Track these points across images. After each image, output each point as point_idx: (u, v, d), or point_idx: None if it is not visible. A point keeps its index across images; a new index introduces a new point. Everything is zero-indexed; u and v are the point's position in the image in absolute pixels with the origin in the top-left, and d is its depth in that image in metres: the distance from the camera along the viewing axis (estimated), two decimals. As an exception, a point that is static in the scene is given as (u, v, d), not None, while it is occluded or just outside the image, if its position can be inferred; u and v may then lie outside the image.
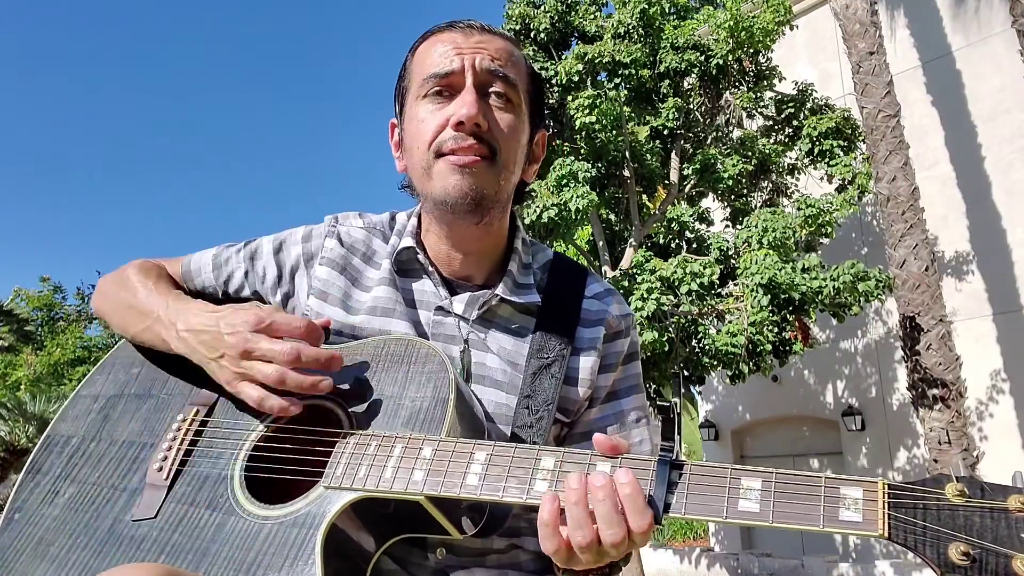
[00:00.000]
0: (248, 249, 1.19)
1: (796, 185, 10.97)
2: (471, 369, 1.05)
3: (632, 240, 9.95)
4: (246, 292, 1.18)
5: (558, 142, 10.08)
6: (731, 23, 9.32)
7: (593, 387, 1.09)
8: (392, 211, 1.21)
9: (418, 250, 1.10)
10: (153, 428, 1.07)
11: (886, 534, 0.68)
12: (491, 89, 1.05)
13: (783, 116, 10.95)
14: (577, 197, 8.28)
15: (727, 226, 10.97)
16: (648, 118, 9.98)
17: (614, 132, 9.32)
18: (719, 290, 9.52)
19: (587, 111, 8.85)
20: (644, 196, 10.83)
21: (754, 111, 10.87)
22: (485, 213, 1.05)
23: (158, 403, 1.10)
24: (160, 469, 1.01)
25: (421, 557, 0.99)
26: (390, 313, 1.07)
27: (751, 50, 9.79)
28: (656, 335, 8.38)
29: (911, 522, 0.68)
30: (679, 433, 0.82)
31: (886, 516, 0.69)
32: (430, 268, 1.10)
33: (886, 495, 0.70)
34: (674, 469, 0.78)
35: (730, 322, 9.05)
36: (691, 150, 10.39)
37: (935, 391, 8.87)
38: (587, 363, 1.09)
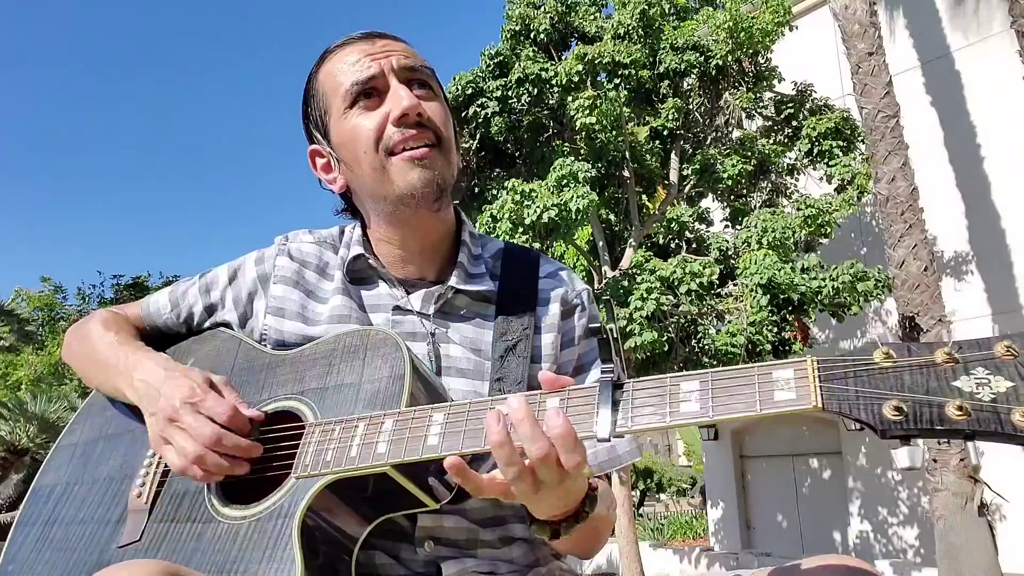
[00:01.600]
0: (203, 282, 1.21)
1: (796, 185, 10.98)
2: (443, 363, 1.08)
3: (632, 240, 9.96)
4: (207, 325, 1.21)
5: (558, 142, 10.09)
6: (731, 24, 9.33)
7: (557, 363, 1.12)
8: (341, 225, 1.23)
9: (368, 255, 1.12)
10: (132, 461, 1.10)
11: (820, 405, 0.69)
12: (414, 83, 1.08)
13: (783, 116, 10.96)
14: (577, 197, 8.30)
15: (727, 226, 10.98)
16: (648, 118, 10.00)
17: (614, 132, 9.33)
18: (719, 290, 9.53)
19: (587, 112, 8.86)
20: (644, 196, 10.84)
21: (754, 111, 10.88)
22: (444, 199, 1.09)
23: (134, 437, 1.13)
24: (139, 495, 1.03)
25: (411, 552, 1.01)
26: (346, 320, 1.09)
27: (751, 50, 9.80)
28: (656, 335, 8.39)
29: (843, 390, 0.69)
30: (618, 355, 0.83)
31: (818, 389, 0.70)
32: (383, 270, 1.12)
33: (816, 370, 0.71)
34: (616, 389, 0.79)
35: (730, 322, 9.06)
36: (691, 150, 10.40)
37: (934, 391, 8.86)
38: (548, 340, 1.11)
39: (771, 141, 10.90)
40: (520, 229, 8.45)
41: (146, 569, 0.76)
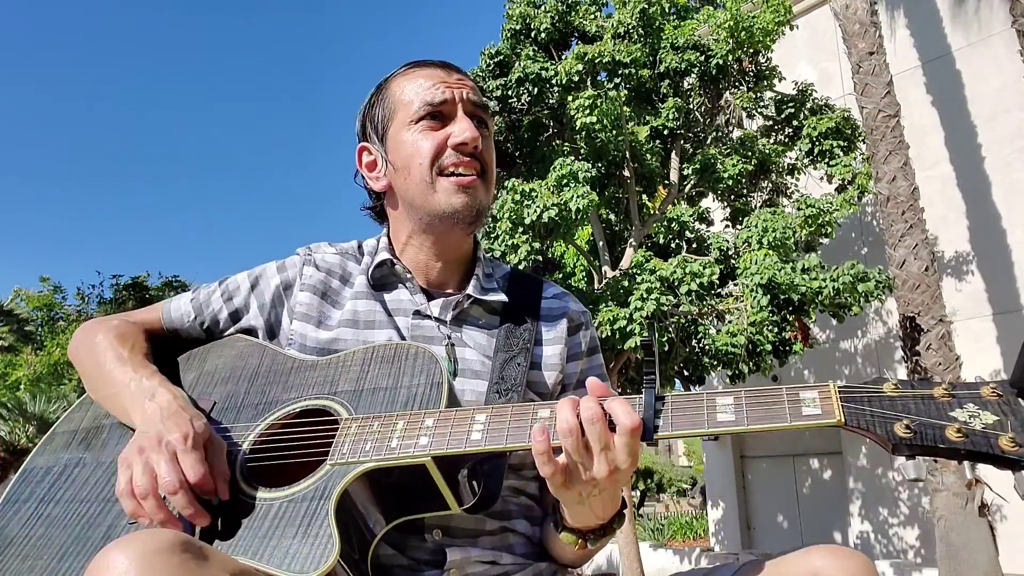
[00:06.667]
0: (223, 288, 1.25)
1: (796, 185, 10.97)
2: (459, 365, 1.15)
3: (632, 240, 9.95)
4: (230, 331, 1.23)
5: (558, 142, 10.08)
6: (731, 23, 9.32)
7: (564, 373, 1.22)
8: (358, 240, 1.31)
9: (395, 261, 1.21)
10: None
11: (843, 421, 0.81)
12: (475, 119, 1.19)
13: (783, 116, 10.95)
14: (577, 197, 8.28)
15: (727, 226, 10.97)
16: (648, 118, 9.98)
17: (614, 132, 9.32)
18: (719, 290, 9.51)
19: (587, 111, 8.84)
20: (644, 196, 10.83)
21: (754, 111, 10.87)
22: (478, 223, 1.20)
23: None
24: None
25: (419, 540, 1.03)
26: (371, 325, 1.16)
27: (751, 50, 9.79)
28: (656, 335, 8.37)
29: (862, 410, 0.82)
30: (660, 367, 0.95)
31: (841, 407, 0.83)
32: (408, 275, 1.20)
33: (838, 393, 0.84)
34: (657, 399, 0.88)
35: (730, 322, 9.04)
36: (691, 150, 10.38)
37: (935, 391, 8.85)
38: (554, 351, 1.22)
39: (771, 141, 10.88)
40: (520, 229, 8.44)
41: (160, 537, 0.75)
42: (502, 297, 1.22)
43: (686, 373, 9.91)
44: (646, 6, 9.39)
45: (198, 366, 1.18)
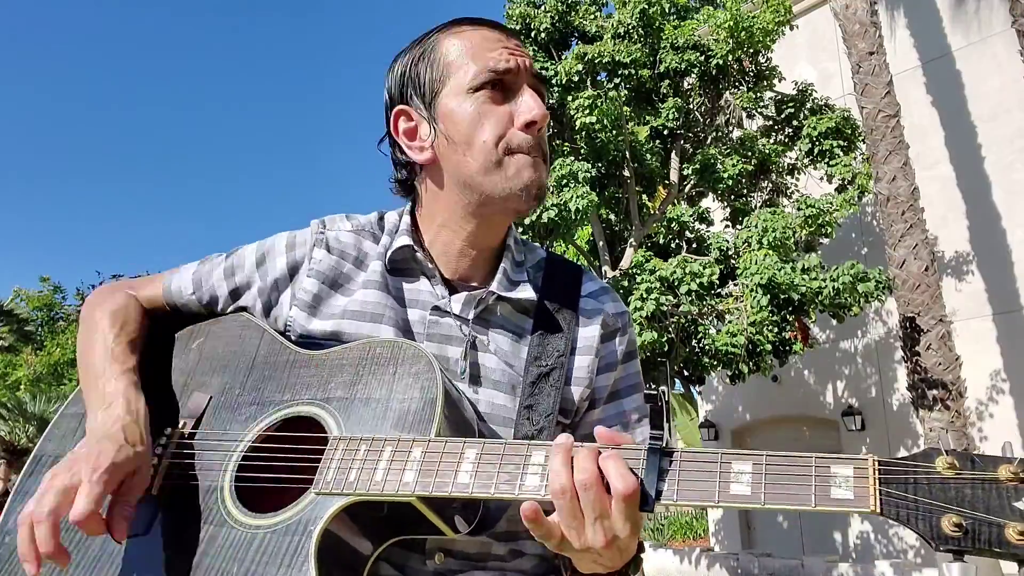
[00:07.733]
0: (228, 263, 1.16)
1: (796, 185, 10.97)
2: (474, 371, 1.04)
3: (632, 240, 9.95)
4: (230, 309, 1.16)
5: (558, 142, 10.08)
6: (731, 23, 9.32)
7: (592, 387, 1.08)
8: (380, 211, 1.18)
9: (416, 248, 1.07)
10: None
11: (878, 510, 0.68)
12: (538, 94, 1.06)
13: (783, 116, 10.95)
14: (577, 197, 8.29)
15: (727, 226, 10.97)
16: (648, 118, 9.99)
17: (614, 132, 9.32)
18: (719, 290, 9.52)
19: (587, 111, 8.85)
20: (644, 196, 10.84)
21: (754, 111, 10.87)
22: (538, 204, 1.07)
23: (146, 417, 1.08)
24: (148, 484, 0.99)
25: (420, 562, 0.98)
26: (379, 319, 1.05)
27: (751, 50, 9.79)
28: (656, 335, 8.38)
29: (903, 497, 0.68)
30: (668, 421, 0.81)
31: (877, 492, 0.69)
32: (430, 266, 1.07)
33: (876, 471, 0.70)
34: (664, 457, 0.77)
35: (730, 322, 9.05)
36: (691, 150, 10.39)
37: (935, 391, 8.87)
38: (584, 362, 1.08)
39: (771, 141, 10.89)
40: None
41: None
42: (530, 295, 1.08)
43: (686, 373, 9.91)
44: (646, 6, 9.40)
45: (198, 349, 1.15)
